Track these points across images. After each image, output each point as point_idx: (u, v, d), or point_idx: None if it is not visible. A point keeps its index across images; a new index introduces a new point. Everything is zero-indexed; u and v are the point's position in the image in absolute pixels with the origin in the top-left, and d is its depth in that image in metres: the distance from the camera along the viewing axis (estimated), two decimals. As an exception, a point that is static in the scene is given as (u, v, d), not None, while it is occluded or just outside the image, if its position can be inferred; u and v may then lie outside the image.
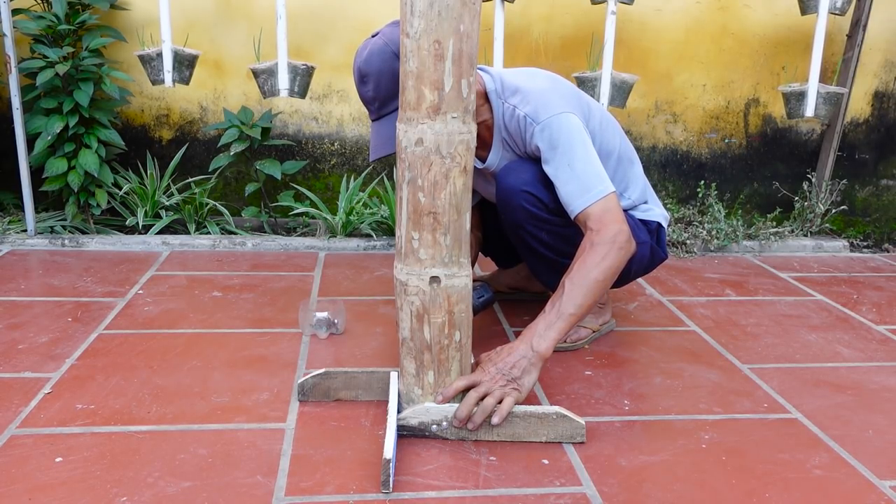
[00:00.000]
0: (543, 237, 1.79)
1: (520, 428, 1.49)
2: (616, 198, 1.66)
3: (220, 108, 3.00)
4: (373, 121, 1.68)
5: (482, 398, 1.47)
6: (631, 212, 1.92)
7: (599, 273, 1.57)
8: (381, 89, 1.61)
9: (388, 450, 1.33)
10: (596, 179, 1.65)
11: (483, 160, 1.85)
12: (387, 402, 1.60)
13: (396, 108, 1.59)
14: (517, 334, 2.01)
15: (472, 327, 1.50)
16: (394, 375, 1.57)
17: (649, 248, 1.91)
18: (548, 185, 1.72)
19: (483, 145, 1.82)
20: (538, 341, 1.53)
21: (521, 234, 1.81)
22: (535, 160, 1.75)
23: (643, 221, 1.92)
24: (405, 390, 1.51)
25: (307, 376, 1.63)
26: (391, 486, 1.31)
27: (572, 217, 1.67)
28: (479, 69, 1.77)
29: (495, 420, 1.47)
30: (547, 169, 1.69)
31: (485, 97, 1.75)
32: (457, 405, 1.48)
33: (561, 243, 1.79)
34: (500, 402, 1.47)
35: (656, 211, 1.96)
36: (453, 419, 1.48)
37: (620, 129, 1.92)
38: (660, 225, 1.95)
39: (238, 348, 1.89)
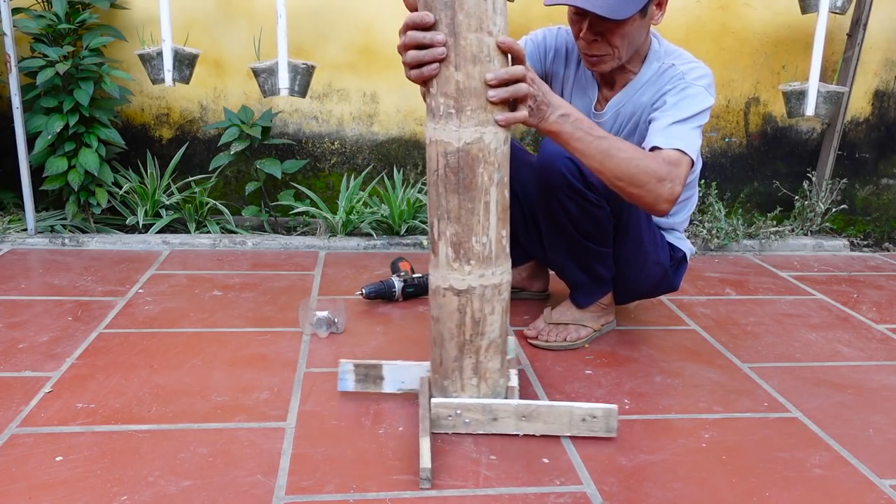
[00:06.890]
0: (572, 209, 1.77)
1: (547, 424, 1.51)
2: (690, 167, 1.61)
3: (220, 107, 3.00)
4: None
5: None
6: (665, 231, 1.96)
7: (636, 168, 1.49)
8: None
9: (425, 458, 1.35)
10: (687, 143, 1.61)
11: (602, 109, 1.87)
12: (408, 393, 1.64)
13: None
14: (517, 333, 2.02)
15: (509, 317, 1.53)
16: (424, 379, 1.58)
17: (662, 272, 1.93)
18: None
19: (609, 95, 1.86)
20: (566, 107, 1.43)
21: (552, 202, 1.78)
22: None
23: (671, 246, 1.95)
24: (438, 385, 1.53)
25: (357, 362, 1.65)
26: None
27: (647, 148, 1.61)
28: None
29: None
30: (651, 117, 1.70)
31: (643, 56, 1.79)
32: (497, 402, 1.48)
33: (586, 221, 1.78)
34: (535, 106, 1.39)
35: (686, 243, 2.01)
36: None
37: None
38: (684, 257, 1.99)
39: (238, 347, 1.89)
